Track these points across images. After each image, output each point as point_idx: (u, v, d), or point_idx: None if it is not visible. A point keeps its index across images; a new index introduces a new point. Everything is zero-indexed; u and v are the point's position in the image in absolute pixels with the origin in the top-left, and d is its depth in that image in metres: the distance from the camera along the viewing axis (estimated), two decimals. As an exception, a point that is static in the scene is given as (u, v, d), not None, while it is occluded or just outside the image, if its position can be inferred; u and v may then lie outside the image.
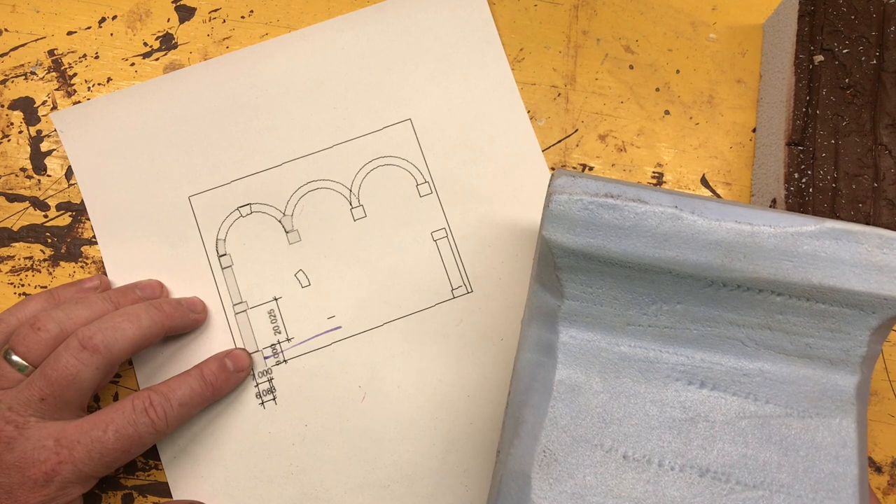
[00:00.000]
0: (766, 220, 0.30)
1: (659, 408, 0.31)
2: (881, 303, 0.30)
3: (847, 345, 0.31)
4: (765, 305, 0.31)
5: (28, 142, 0.43)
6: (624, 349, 0.32)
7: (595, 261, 0.31)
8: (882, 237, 0.30)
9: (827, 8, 0.40)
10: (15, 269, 0.41)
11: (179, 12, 0.44)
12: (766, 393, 0.31)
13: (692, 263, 0.30)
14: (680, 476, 0.30)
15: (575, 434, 0.31)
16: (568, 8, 0.45)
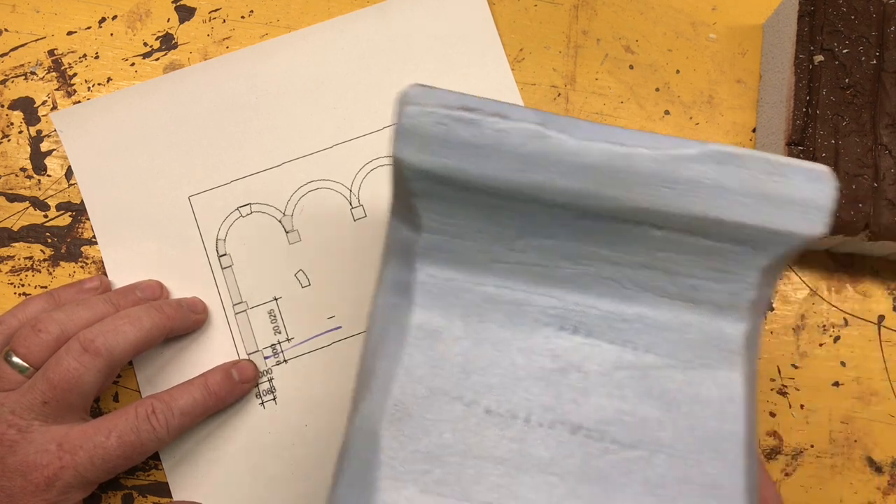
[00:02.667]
0: (643, 140, 0.27)
1: (527, 356, 0.28)
2: (770, 238, 0.27)
3: (735, 287, 0.28)
4: (644, 241, 0.28)
5: (28, 142, 0.43)
6: (489, 290, 0.28)
7: (453, 186, 0.27)
8: (770, 162, 0.27)
9: (827, 8, 0.40)
10: (15, 269, 0.41)
11: (179, 12, 0.44)
12: (645, 341, 0.28)
13: (560, 190, 0.26)
14: (549, 433, 0.27)
15: (432, 386, 0.27)
16: (568, 8, 0.45)
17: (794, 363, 0.41)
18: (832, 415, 0.41)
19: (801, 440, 0.40)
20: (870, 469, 0.40)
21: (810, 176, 0.27)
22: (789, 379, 0.41)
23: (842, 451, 0.40)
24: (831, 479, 0.40)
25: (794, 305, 0.42)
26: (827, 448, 0.40)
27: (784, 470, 0.40)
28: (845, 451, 0.40)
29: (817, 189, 0.27)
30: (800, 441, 0.40)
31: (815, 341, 0.41)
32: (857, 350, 0.41)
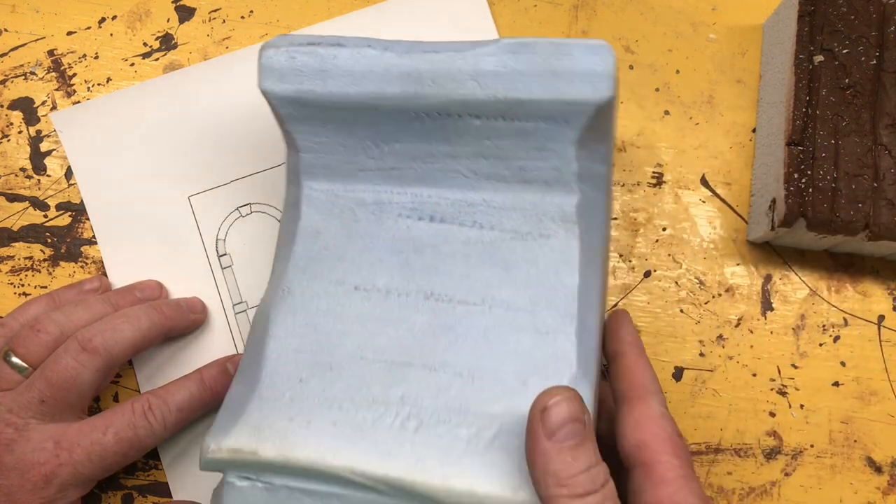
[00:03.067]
0: (452, 47, 0.32)
1: (390, 244, 0.34)
2: (568, 109, 0.31)
3: (557, 163, 0.32)
4: (470, 132, 0.33)
5: (28, 142, 0.43)
6: (359, 194, 0.34)
7: (310, 106, 0.33)
8: (554, 44, 0.31)
9: (827, 8, 0.40)
10: (15, 269, 0.41)
11: (179, 12, 0.44)
12: (489, 220, 0.33)
13: (391, 96, 0.32)
14: (406, 300, 0.33)
15: (313, 273, 0.33)
16: (568, 8, 0.45)
17: (794, 363, 0.41)
18: (832, 415, 0.41)
19: (801, 440, 0.40)
20: (870, 469, 0.40)
21: (589, 50, 0.31)
22: (789, 379, 0.41)
23: (842, 451, 0.40)
24: (831, 479, 0.40)
25: (794, 305, 0.42)
26: (827, 448, 0.40)
27: (784, 470, 0.40)
28: (845, 451, 0.40)
29: (598, 60, 0.31)
30: (800, 441, 0.40)
31: (815, 341, 0.41)
32: (857, 350, 0.41)
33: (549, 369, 0.30)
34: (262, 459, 0.30)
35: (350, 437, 0.30)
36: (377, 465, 0.29)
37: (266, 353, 0.32)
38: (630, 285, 0.42)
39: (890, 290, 0.42)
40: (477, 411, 0.30)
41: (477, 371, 0.31)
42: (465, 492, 0.28)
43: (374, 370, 0.31)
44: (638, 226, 0.42)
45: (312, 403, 0.31)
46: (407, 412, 0.30)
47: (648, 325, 0.41)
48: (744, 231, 0.43)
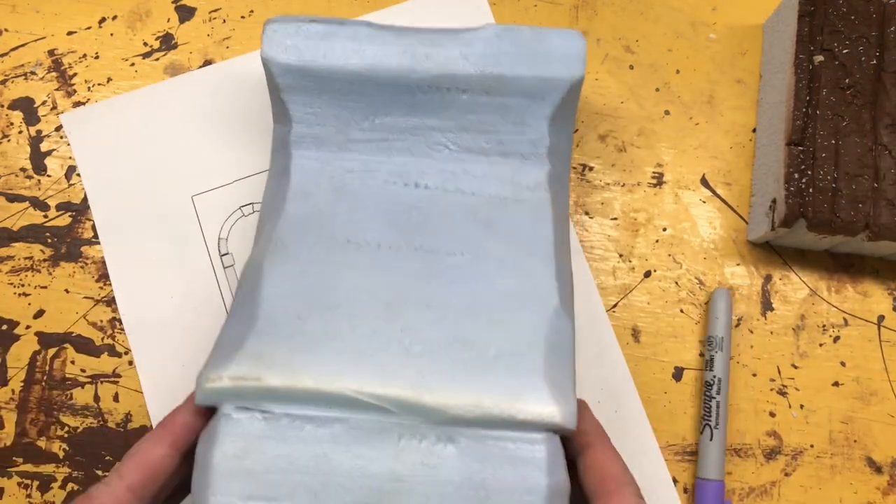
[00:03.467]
0: (446, 32, 0.36)
1: (378, 205, 0.36)
2: (546, 85, 0.36)
3: (531, 137, 0.37)
4: (456, 105, 0.36)
5: (28, 142, 0.43)
6: (347, 163, 0.37)
7: (308, 76, 0.36)
8: (535, 31, 0.36)
9: (827, 8, 0.40)
10: (15, 269, 0.41)
11: (179, 12, 0.44)
12: (471, 187, 0.37)
13: (387, 68, 0.36)
14: (396, 252, 0.35)
15: (304, 228, 0.35)
16: (568, 8, 0.45)
17: (794, 363, 0.41)
18: (832, 415, 0.41)
19: (801, 440, 0.40)
20: (870, 469, 0.40)
21: (564, 36, 0.36)
22: (789, 379, 0.41)
23: (842, 451, 0.40)
24: (831, 479, 0.40)
25: (794, 305, 0.42)
26: (827, 448, 0.40)
27: (784, 470, 0.40)
28: (845, 451, 0.40)
29: (572, 45, 0.36)
30: (800, 441, 0.40)
31: (815, 341, 0.41)
32: (857, 350, 0.41)
33: (534, 303, 0.33)
34: (266, 386, 0.30)
35: (354, 361, 0.31)
36: (383, 385, 0.30)
37: (262, 296, 0.33)
38: (630, 285, 0.42)
39: (890, 290, 0.42)
40: (474, 338, 0.32)
41: (470, 307, 0.33)
42: (471, 402, 0.30)
43: (372, 309, 0.33)
44: (638, 226, 0.43)
45: (313, 336, 0.32)
46: (409, 340, 0.32)
47: (648, 325, 0.41)
48: (744, 231, 0.43)
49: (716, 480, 0.38)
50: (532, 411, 0.30)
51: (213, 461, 0.29)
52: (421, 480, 0.29)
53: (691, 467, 0.40)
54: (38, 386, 0.40)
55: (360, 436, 0.30)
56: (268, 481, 0.29)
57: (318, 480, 0.29)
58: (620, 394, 0.40)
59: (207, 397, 0.30)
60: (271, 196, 0.37)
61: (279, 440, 0.30)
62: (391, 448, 0.30)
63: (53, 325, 0.41)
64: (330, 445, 0.30)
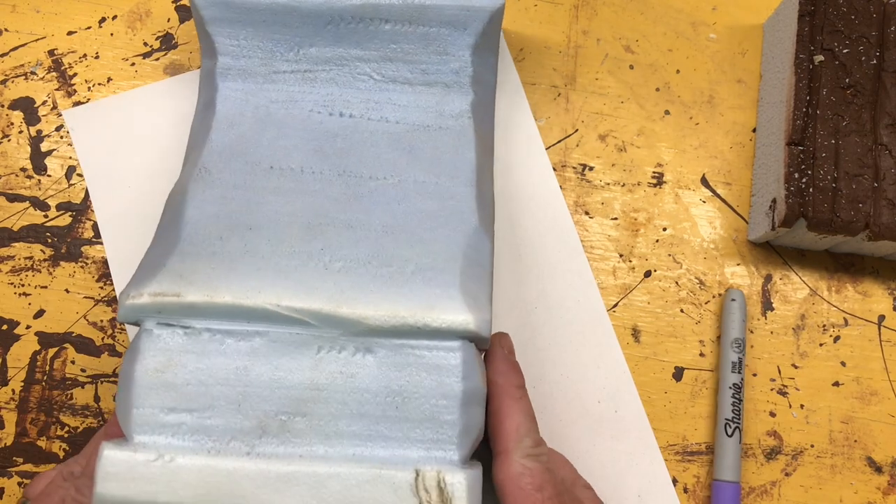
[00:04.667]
0: None
1: (302, 133, 0.37)
2: (465, 15, 0.37)
3: (454, 66, 0.38)
4: (380, 35, 0.37)
5: (28, 142, 0.43)
6: (272, 94, 0.38)
7: (233, 8, 0.37)
8: None
9: (827, 8, 0.40)
10: (15, 269, 0.41)
11: (179, 12, 0.44)
12: (395, 116, 0.37)
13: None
14: (319, 176, 0.35)
15: (229, 155, 0.36)
16: (568, 8, 0.45)
17: (794, 363, 0.41)
18: (832, 415, 0.41)
19: (801, 440, 0.40)
20: (870, 469, 0.40)
21: None
22: (789, 379, 0.41)
23: (842, 451, 0.40)
24: (831, 479, 0.40)
25: (794, 305, 0.42)
26: (827, 448, 0.40)
27: (784, 470, 0.40)
28: (845, 451, 0.40)
29: None
30: (800, 441, 0.40)
31: (815, 341, 0.41)
32: (857, 350, 0.41)
33: (454, 222, 0.34)
34: (186, 302, 0.30)
35: (274, 278, 0.31)
36: (303, 299, 0.31)
37: (184, 219, 0.34)
38: (630, 285, 0.42)
39: (890, 290, 0.42)
40: (394, 254, 0.33)
41: (390, 227, 0.34)
42: (388, 313, 0.31)
43: (293, 229, 0.33)
44: (638, 226, 0.42)
45: (234, 256, 0.32)
46: (328, 258, 0.32)
47: (648, 325, 0.41)
48: (744, 231, 0.43)
49: (733, 482, 0.38)
50: (446, 319, 0.30)
51: (135, 375, 0.30)
52: (339, 389, 0.30)
53: (692, 467, 0.40)
54: (38, 386, 0.40)
55: (279, 348, 0.30)
56: (189, 393, 0.30)
57: (238, 391, 0.30)
58: (620, 394, 0.40)
59: (129, 314, 0.31)
60: (198, 127, 0.38)
61: (200, 354, 0.30)
62: (310, 359, 0.30)
63: (53, 325, 0.41)
64: (250, 358, 0.30)
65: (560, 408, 0.40)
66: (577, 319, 0.41)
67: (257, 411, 0.30)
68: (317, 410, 0.30)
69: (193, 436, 0.30)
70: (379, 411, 0.30)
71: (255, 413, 0.30)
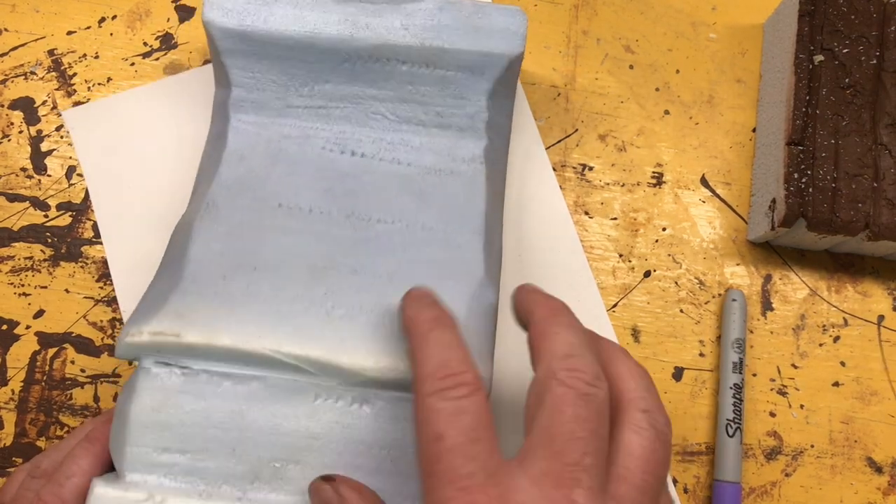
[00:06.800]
0: (387, 2, 0.36)
1: (313, 171, 0.36)
2: (485, 61, 0.36)
3: (470, 111, 0.37)
4: (396, 76, 0.37)
5: (28, 142, 0.43)
6: (285, 129, 0.37)
7: (249, 41, 0.36)
8: (477, 5, 0.36)
9: (827, 8, 0.40)
10: (15, 269, 0.41)
11: (179, 12, 0.44)
12: (407, 158, 0.37)
13: (327, 36, 0.36)
14: (327, 217, 0.35)
15: (237, 190, 0.35)
16: (568, 8, 0.45)
17: (794, 363, 0.41)
18: (832, 415, 0.41)
19: (801, 440, 0.40)
20: (870, 469, 0.40)
21: (505, 12, 0.36)
22: (789, 379, 0.41)
23: (842, 452, 0.40)
24: (831, 479, 0.40)
25: (794, 305, 0.42)
26: (827, 448, 0.40)
27: (784, 470, 0.40)
28: (845, 452, 0.40)
29: (513, 21, 0.36)
30: (800, 441, 0.40)
31: (815, 341, 0.41)
32: (857, 350, 0.41)
33: (460, 274, 0.34)
34: (185, 342, 0.30)
35: (275, 322, 0.31)
36: (301, 346, 0.31)
37: (189, 256, 0.33)
38: (630, 285, 0.42)
39: (890, 290, 0.42)
40: (397, 304, 0.32)
41: (395, 275, 0.34)
42: (388, 366, 0.30)
43: (298, 272, 0.33)
44: (638, 226, 0.42)
45: (237, 297, 0.32)
46: (331, 304, 0.32)
47: (648, 326, 0.41)
48: (744, 231, 0.43)
49: (734, 482, 0.38)
50: None
51: (131, 413, 0.30)
52: (335, 439, 0.30)
53: (692, 467, 0.40)
54: (37, 386, 0.40)
55: (276, 394, 0.30)
56: (183, 434, 0.30)
57: (233, 436, 0.30)
58: (620, 394, 0.40)
59: (127, 351, 0.30)
60: (208, 159, 0.37)
61: (196, 395, 0.30)
62: (307, 407, 0.30)
63: (53, 325, 0.41)
64: (246, 402, 0.30)
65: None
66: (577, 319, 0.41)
67: (251, 456, 0.30)
68: (311, 459, 0.30)
69: (186, 477, 0.30)
70: (373, 464, 0.30)
71: (248, 458, 0.30)
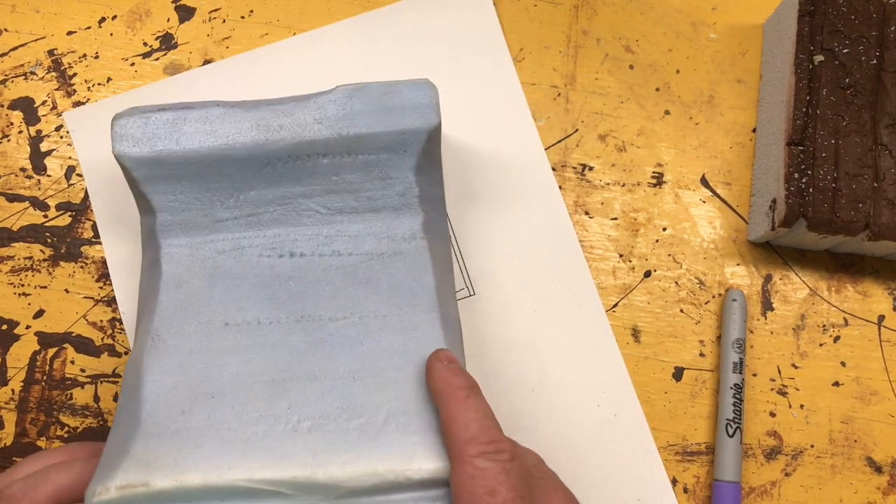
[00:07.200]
0: (295, 99, 0.36)
1: (253, 281, 0.36)
2: (404, 139, 0.36)
3: (399, 189, 0.36)
4: (319, 170, 0.36)
5: (28, 142, 0.43)
6: (217, 244, 0.36)
7: (164, 165, 0.35)
8: (384, 84, 0.36)
9: (827, 8, 0.40)
10: (15, 269, 0.41)
11: (179, 12, 0.44)
12: (347, 248, 0.36)
13: (241, 145, 0.35)
14: (277, 326, 0.35)
15: (181, 318, 0.35)
16: (568, 8, 0.45)
17: (794, 363, 0.41)
18: (832, 415, 0.41)
19: (801, 440, 0.40)
20: (870, 469, 0.40)
21: (415, 87, 0.36)
22: (789, 379, 0.41)
23: (842, 451, 0.40)
24: (831, 479, 0.40)
25: (794, 305, 0.42)
26: (827, 448, 0.40)
27: (784, 470, 0.40)
28: (845, 451, 0.40)
29: (423, 94, 0.36)
30: (800, 441, 0.40)
31: (815, 341, 0.41)
32: (857, 350, 0.41)
33: (421, 357, 0.33)
34: (154, 490, 0.29)
35: (243, 450, 0.31)
36: (275, 469, 0.30)
37: (143, 396, 0.32)
38: (630, 285, 0.42)
39: (890, 290, 0.42)
40: (364, 403, 0.32)
41: (357, 372, 0.33)
42: (365, 472, 0.30)
43: (257, 390, 0.32)
44: (638, 226, 0.42)
45: (199, 430, 0.31)
46: (296, 418, 0.32)
47: (648, 325, 0.41)
48: (744, 231, 0.43)
49: (734, 482, 0.38)
50: (427, 469, 0.30)
51: None
52: None
53: (692, 467, 0.40)
54: (37, 386, 0.40)
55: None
56: None
57: None
58: (620, 397, 0.40)
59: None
60: (146, 289, 0.36)
61: None
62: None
63: (53, 325, 0.41)
64: None
65: (559, 411, 0.40)
66: (576, 320, 0.41)
67: None
68: None
69: None
70: None
71: None
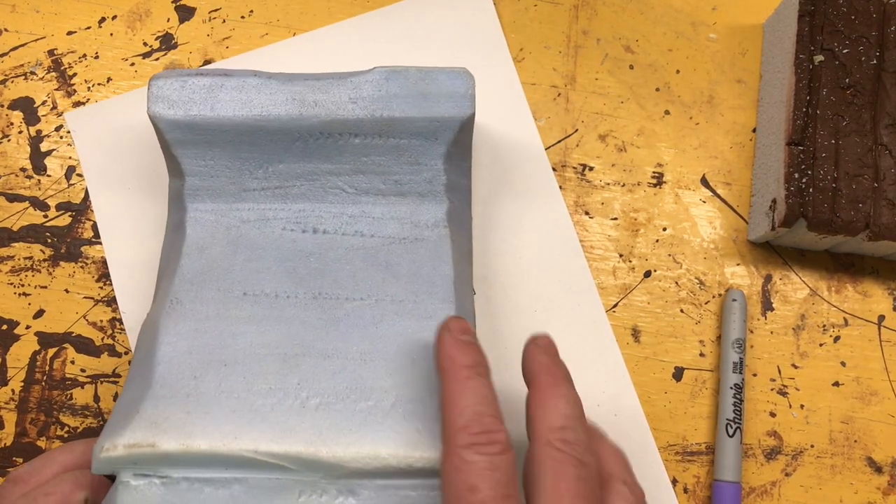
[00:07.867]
0: (333, 75, 0.36)
1: (275, 254, 0.36)
2: (436, 126, 0.36)
3: (427, 176, 0.36)
4: (350, 149, 0.36)
5: (28, 142, 0.43)
6: (243, 213, 0.37)
7: (197, 130, 0.35)
8: (422, 71, 0.36)
9: (827, 8, 0.40)
10: (15, 269, 0.41)
11: (179, 12, 0.44)
12: (370, 229, 0.36)
13: (275, 117, 0.35)
14: (294, 301, 0.35)
15: (200, 283, 0.35)
16: (568, 8, 0.45)
17: (794, 363, 0.41)
18: (832, 415, 0.41)
19: (801, 440, 0.40)
20: (870, 469, 0.40)
21: (452, 75, 0.36)
22: (789, 379, 0.41)
23: (842, 451, 0.40)
24: (831, 479, 0.40)
25: (794, 305, 0.42)
26: (827, 448, 0.40)
27: (784, 470, 0.40)
28: (845, 451, 0.40)
29: (460, 83, 0.36)
30: (800, 441, 0.40)
31: (815, 341, 0.41)
32: (857, 350, 0.41)
33: (433, 347, 0.32)
34: (161, 451, 0.30)
35: (250, 420, 0.31)
36: (280, 443, 0.30)
37: (157, 358, 0.33)
38: (630, 285, 0.42)
39: (890, 290, 0.42)
40: (373, 386, 0.32)
41: (368, 354, 0.33)
42: (368, 455, 0.30)
43: (269, 363, 0.33)
44: (638, 226, 0.42)
45: (209, 397, 0.32)
46: (305, 394, 0.32)
47: (648, 325, 0.41)
48: (744, 231, 0.43)
49: (734, 482, 0.38)
50: (430, 458, 0.30)
51: None
52: None
53: (692, 467, 0.40)
54: (37, 386, 0.40)
55: (259, 495, 0.30)
56: None
57: None
58: (619, 395, 0.40)
59: (103, 466, 0.30)
60: (168, 251, 0.37)
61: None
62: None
63: (53, 325, 0.41)
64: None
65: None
66: (576, 320, 0.41)
67: None
68: None
69: None
70: None
71: None
